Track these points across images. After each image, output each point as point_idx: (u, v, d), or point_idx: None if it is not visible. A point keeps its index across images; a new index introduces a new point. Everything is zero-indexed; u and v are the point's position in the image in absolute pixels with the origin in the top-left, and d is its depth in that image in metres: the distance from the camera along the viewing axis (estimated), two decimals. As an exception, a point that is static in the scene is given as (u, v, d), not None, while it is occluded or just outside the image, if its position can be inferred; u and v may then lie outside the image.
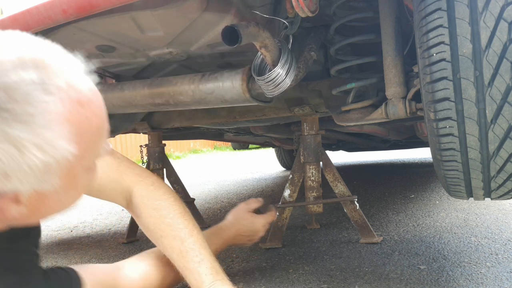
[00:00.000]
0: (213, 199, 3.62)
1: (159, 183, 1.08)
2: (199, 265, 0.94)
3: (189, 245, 0.97)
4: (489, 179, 1.13)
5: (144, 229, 1.05)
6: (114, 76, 2.00)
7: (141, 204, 1.02)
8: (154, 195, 1.03)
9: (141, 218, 1.03)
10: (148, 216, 1.01)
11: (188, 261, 0.95)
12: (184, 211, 1.03)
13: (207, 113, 2.10)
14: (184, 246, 0.96)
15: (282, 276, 1.56)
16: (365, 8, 1.48)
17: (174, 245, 0.97)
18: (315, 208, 1.97)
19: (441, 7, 1.03)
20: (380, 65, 1.45)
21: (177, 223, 0.99)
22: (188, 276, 0.95)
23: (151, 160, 2.41)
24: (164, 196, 1.04)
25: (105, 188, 1.02)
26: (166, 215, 1.00)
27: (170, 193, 1.06)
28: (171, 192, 1.07)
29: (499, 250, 1.68)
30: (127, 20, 1.26)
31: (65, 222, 3.04)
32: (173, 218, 1.00)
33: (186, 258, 0.95)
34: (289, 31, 1.34)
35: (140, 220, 1.04)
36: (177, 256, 0.97)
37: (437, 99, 1.06)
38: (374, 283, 1.42)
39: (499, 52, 0.98)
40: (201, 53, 1.53)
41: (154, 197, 1.02)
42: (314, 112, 1.86)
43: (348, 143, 4.01)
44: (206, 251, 0.97)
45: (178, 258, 0.96)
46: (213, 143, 13.49)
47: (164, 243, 0.99)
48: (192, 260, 0.95)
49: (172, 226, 0.99)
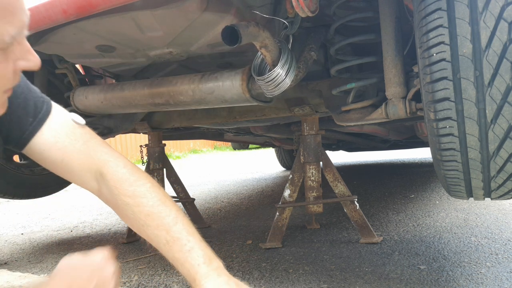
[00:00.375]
0: (213, 199, 3.62)
1: (132, 166, 0.95)
2: (190, 253, 0.85)
3: (175, 233, 0.87)
4: (489, 179, 1.13)
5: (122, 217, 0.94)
6: (114, 76, 2.00)
7: (115, 189, 0.91)
8: (128, 178, 0.91)
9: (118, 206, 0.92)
10: (124, 204, 0.90)
11: (177, 250, 0.86)
12: (164, 196, 0.92)
13: (207, 113, 2.10)
14: (170, 235, 0.87)
15: (282, 276, 1.56)
16: (365, 8, 1.48)
17: (159, 235, 0.88)
18: (315, 208, 1.97)
19: (441, 7, 1.03)
20: (380, 65, 1.45)
21: (158, 211, 0.89)
22: (180, 267, 0.86)
23: (151, 160, 2.41)
24: (140, 181, 0.92)
25: (70, 162, 0.91)
26: (145, 203, 0.89)
27: (146, 178, 0.94)
28: (147, 177, 0.95)
29: (499, 250, 1.68)
30: (127, 20, 1.26)
31: (65, 222, 3.04)
32: (153, 206, 0.89)
33: (174, 247, 0.86)
34: (289, 31, 1.34)
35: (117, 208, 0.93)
36: (164, 246, 0.87)
37: (437, 99, 1.06)
38: (374, 283, 1.42)
39: (499, 52, 0.98)
40: (201, 53, 1.54)
41: (128, 181, 0.91)
42: (314, 112, 1.86)
43: (348, 143, 4.01)
44: (195, 237, 0.88)
45: (166, 248, 0.87)
46: (213, 143, 13.50)
47: (148, 233, 0.89)
48: (181, 250, 0.85)
49: (153, 215, 0.89)
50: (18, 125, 0.89)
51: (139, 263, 1.85)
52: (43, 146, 0.90)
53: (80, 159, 0.92)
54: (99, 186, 0.94)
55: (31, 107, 0.90)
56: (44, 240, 2.50)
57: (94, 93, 1.74)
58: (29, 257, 2.13)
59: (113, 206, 0.95)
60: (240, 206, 3.18)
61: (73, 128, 0.93)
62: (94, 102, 1.75)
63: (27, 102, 0.89)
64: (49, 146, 0.90)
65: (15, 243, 2.46)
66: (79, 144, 0.92)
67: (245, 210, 2.99)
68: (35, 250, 2.27)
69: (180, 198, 2.49)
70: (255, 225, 2.46)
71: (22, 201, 4.02)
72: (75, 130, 0.93)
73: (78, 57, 1.60)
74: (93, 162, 0.92)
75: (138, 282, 1.61)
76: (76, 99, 1.80)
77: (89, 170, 0.93)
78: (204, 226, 2.50)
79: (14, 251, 2.27)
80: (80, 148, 0.92)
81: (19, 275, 1.77)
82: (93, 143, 0.94)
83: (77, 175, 0.94)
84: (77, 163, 0.92)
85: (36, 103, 0.91)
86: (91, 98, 1.75)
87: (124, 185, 0.91)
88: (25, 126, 0.89)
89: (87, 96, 1.76)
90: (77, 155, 0.91)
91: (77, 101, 1.79)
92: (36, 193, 2.57)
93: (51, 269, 1.89)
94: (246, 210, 2.99)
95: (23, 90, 0.90)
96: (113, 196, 0.92)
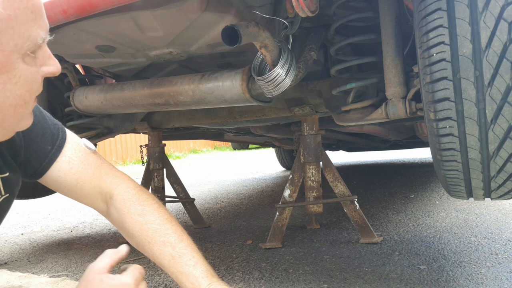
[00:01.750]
0: (213, 199, 3.62)
1: (140, 188, 1.03)
2: (195, 268, 0.91)
3: (180, 249, 0.93)
4: (489, 179, 1.13)
5: (128, 235, 0.99)
6: (114, 76, 2.00)
7: (123, 209, 0.97)
8: (137, 200, 0.98)
9: (125, 224, 0.97)
10: (132, 221, 0.96)
11: (182, 265, 0.92)
12: (170, 216, 0.99)
13: (207, 113, 2.10)
14: (176, 251, 0.93)
15: (282, 276, 1.56)
16: (365, 8, 1.48)
17: (165, 251, 0.93)
18: (315, 208, 1.97)
19: (441, 7, 1.03)
20: (380, 65, 1.45)
21: (165, 229, 0.95)
22: (184, 280, 0.91)
23: (151, 160, 2.41)
24: (147, 201, 0.99)
25: (84, 186, 0.96)
26: (152, 220, 0.95)
27: (153, 199, 1.01)
28: (154, 198, 1.02)
29: (499, 250, 1.68)
30: (127, 20, 1.26)
31: (65, 222, 3.05)
32: (160, 224, 0.95)
33: (179, 263, 0.92)
34: (289, 31, 1.34)
35: (124, 226, 0.98)
36: (168, 262, 0.93)
37: (437, 99, 1.06)
38: (374, 283, 1.42)
39: (499, 52, 0.98)
40: (201, 53, 1.53)
41: (137, 202, 0.98)
42: (314, 112, 1.86)
43: (348, 143, 4.01)
44: (199, 254, 0.94)
45: (170, 264, 0.92)
46: (213, 143, 13.50)
47: (153, 249, 0.95)
48: (186, 264, 0.91)
49: (160, 232, 0.94)
50: (36, 154, 0.92)
51: (139, 263, 1.84)
52: (59, 172, 0.94)
53: (92, 183, 0.98)
54: (108, 207, 1.00)
55: (48, 135, 0.93)
56: (44, 240, 2.50)
57: (94, 93, 1.74)
58: (29, 257, 2.13)
59: (119, 225, 1.00)
60: (240, 206, 3.18)
61: (86, 153, 0.98)
62: (94, 102, 1.75)
63: (44, 131, 0.92)
64: (64, 172, 0.94)
65: (15, 243, 2.46)
66: (91, 169, 0.97)
67: (245, 210, 2.99)
68: (35, 250, 2.27)
69: (180, 198, 2.49)
70: (255, 225, 2.46)
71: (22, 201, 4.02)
72: (88, 156, 0.98)
73: (78, 57, 1.60)
74: (105, 186, 0.99)
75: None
76: (76, 99, 1.80)
77: (100, 193, 0.99)
78: (204, 226, 2.49)
79: (14, 251, 2.27)
80: (93, 173, 0.97)
81: (19, 275, 1.77)
82: (104, 168, 1.00)
83: (89, 197, 0.99)
84: (90, 186, 0.97)
85: (52, 131, 0.94)
86: (91, 98, 1.75)
87: (133, 205, 0.97)
88: (44, 154, 0.92)
89: (87, 96, 1.76)
90: (90, 180, 0.97)
91: (77, 101, 1.79)
92: (36, 193, 2.58)
93: (51, 269, 1.89)
94: (246, 210, 2.99)
95: (39, 120, 0.92)
96: (120, 215, 0.98)
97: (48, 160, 0.93)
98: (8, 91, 0.67)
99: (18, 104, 0.70)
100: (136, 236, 0.97)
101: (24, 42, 0.66)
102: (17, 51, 0.66)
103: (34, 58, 0.69)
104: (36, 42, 0.68)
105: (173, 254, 0.93)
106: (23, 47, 0.66)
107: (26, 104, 0.72)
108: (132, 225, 0.96)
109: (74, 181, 0.95)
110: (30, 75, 0.69)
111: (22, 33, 0.65)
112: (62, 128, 0.97)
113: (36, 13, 0.67)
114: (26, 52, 0.67)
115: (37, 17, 0.67)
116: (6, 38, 0.64)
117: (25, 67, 0.68)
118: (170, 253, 0.93)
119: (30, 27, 0.66)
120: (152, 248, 0.95)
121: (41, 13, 0.68)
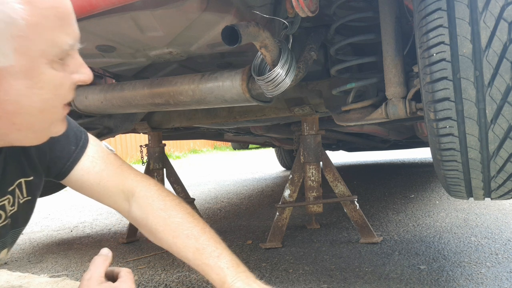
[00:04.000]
0: (213, 199, 3.62)
1: (161, 185, 1.06)
2: (219, 259, 0.93)
3: (204, 241, 0.95)
4: (489, 179, 1.13)
5: (151, 232, 1.00)
6: (114, 76, 2.00)
7: (146, 205, 0.99)
8: (159, 196, 1.01)
9: (148, 221, 0.99)
10: (156, 216, 0.98)
11: (206, 257, 0.93)
12: (191, 211, 1.02)
13: (207, 113, 2.10)
14: (200, 243, 0.94)
15: (282, 276, 1.56)
16: (365, 8, 1.48)
17: (189, 244, 0.95)
18: (315, 208, 1.97)
19: (441, 7, 1.03)
20: (380, 65, 1.45)
21: (187, 222, 0.97)
22: (209, 272, 0.92)
23: (151, 160, 2.41)
24: (168, 197, 1.02)
25: (106, 184, 0.99)
26: (175, 215, 0.98)
27: (173, 195, 1.04)
28: (174, 194, 1.05)
29: (499, 250, 1.68)
30: (127, 20, 1.26)
31: (65, 222, 3.05)
32: (182, 218, 0.98)
33: (204, 254, 0.93)
34: (289, 31, 1.34)
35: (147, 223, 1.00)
36: (193, 255, 0.94)
37: (437, 99, 1.06)
38: (374, 283, 1.42)
39: (499, 52, 0.98)
40: (201, 53, 1.53)
41: (159, 198, 1.00)
42: (314, 112, 1.86)
43: (348, 143, 4.01)
44: (222, 245, 0.96)
45: (195, 256, 0.94)
46: (213, 143, 13.49)
47: (177, 243, 0.96)
48: (210, 256, 0.93)
49: (183, 225, 0.97)
50: (62, 154, 0.95)
51: (139, 263, 1.85)
52: (82, 171, 0.97)
53: (115, 182, 1.00)
54: (129, 205, 1.02)
55: (72, 136, 0.97)
56: (44, 240, 2.50)
57: (94, 93, 1.74)
58: (29, 257, 2.14)
59: (142, 222, 1.02)
60: (240, 206, 3.18)
61: (107, 154, 1.02)
62: (94, 102, 1.75)
63: (68, 132, 0.95)
64: (87, 171, 0.97)
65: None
66: (113, 168, 1.00)
67: (245, 210, 2.99)
68: (35, 250, 2.28)
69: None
70: (255, 225, 2.46)
71: (22, 201, 4.01)
72: (109, 156, 1.01)
73: (78, 57, 1.59)
74: (127, 184, 1.01)
75: (138, 282, 1.61)
76: (76, 99, 1.80)
77: (122, 191, 1.01)
78: (204, 226, 2.49)
79: (14, 251, 2.27)
80: (115, 172, 1.00)
81: (19, 275, 1.77)
82: (125, 167, 1.03)
83: (112, 196, 1.02)
84: (112, 185, 1.00)
85: (76, 132, 0.98)
86: (91, 98, 1.75)
87: (156, 200, 1.00)
88: (69, 154, 0.95)
89: (87, 96, 1.76)
90: (112, 178, 1.00)
91: (77, 101, 1.79)
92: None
93: (51, 269, 1.89)
94: (246, 210, 2.99)
95: None
96: (143, 212, 1.00)
97: (72, 160, 0.95)
98: (35, 95, 0.69)
99: (45, 109, 0.72)
100: (160, 231, 0.98)
101: (51, 48, 0.68)
102: (44, 56, 0.67)
103: (62, 64, 0.71)
104: (64, 49, 0.69)
105: (197, 246, 0.94)
106: (50, 53, 0.68)
107: (55, 109, 0.74)
108: (155, 220, 0.98)
109: (97, 180, 0.98)
110: (57, 81, 0.71)
111: (49, 39, 0.67)
112: (83, 130, 1.01)
113: (64, 21, 0.69)
114: (54, 59, 0.69)
115: (65, 25, 0.69)
116: (33, 44, 0.65)
117: (52, 73, 0.69)
118: (194, 246, 0.94)
119: (57, 34, 0.68)
120: (176, 242, 0.96)
121: (69, 21, 0.70)
